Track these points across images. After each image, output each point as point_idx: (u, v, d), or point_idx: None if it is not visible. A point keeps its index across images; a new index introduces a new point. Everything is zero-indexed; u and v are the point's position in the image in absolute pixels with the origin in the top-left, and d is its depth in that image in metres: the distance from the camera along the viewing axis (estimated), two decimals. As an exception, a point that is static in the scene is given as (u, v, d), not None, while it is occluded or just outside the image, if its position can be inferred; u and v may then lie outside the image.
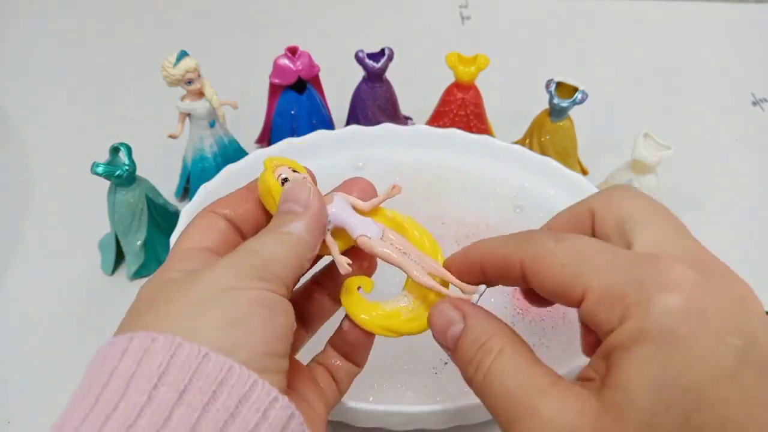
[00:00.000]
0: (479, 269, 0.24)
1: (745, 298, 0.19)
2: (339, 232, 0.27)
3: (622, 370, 0.18)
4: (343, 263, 0.26)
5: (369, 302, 0.27)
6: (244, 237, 0.26)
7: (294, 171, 0.27)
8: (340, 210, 0.27)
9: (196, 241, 0.25)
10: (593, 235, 0.23)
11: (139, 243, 0.43)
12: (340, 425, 0.34)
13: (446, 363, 0.35)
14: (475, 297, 0.25)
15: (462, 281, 0.25)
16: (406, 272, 0.26)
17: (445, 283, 0.26)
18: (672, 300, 0.18)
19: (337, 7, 0.76)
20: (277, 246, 0.23)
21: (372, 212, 0.28)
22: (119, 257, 0.44)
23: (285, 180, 0.27)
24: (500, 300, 0.38)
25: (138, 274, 0.43)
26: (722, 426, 0.17)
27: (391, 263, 0.26)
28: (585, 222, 0.23)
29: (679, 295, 0.18)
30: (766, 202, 0.52)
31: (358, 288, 0.27)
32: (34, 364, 0.39)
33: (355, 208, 0.27)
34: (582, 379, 0.20)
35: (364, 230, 0.27)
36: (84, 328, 0.40)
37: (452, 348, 0.23)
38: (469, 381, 0.23)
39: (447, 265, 0.26)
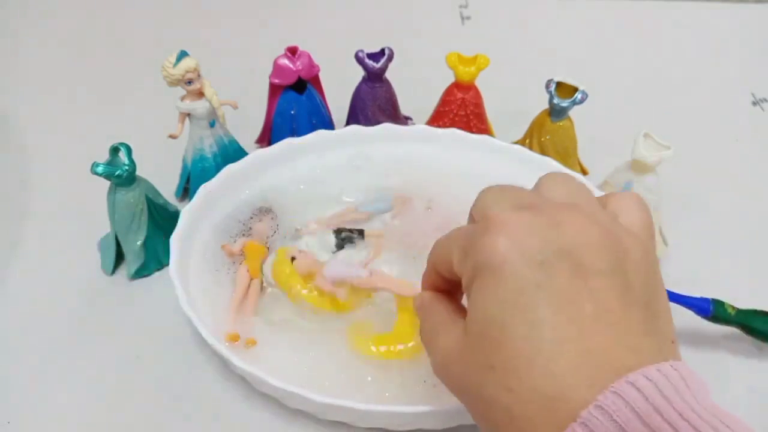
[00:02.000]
0: (435, 276, 0.29)
1: (561, 224, 0.22)
2: (337, 285, 0.37)
3: (469, 301, 0.24)
4: (341, 292, 0.37)
5: (371, 343, 0.36)
6: None
7: (299, 252, 0.40)
8: (335, 269, 0.37)
9: None
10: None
11: (139, 243, 0.43)
12: (340, 425, 0.34)
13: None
14: None
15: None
16: (393, 291, 0.37)
17: None
18: (489, 240, 0.22)
19: (337, 7, 0.76)
20: None
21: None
22: (119, 257, 0.44)
23: (293, 258, 0.39)
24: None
25: (138, 274, 0.43)
26: (530, 325, 0.21)
27: (382, 288, 0.37)
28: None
29: (495, 234, 0.22)
30: (766, 202, 0.52)
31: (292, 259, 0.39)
32: (34, 364, 0.39)
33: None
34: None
35: (357, 274, 0.37)
36: (84, 328, 0.40)
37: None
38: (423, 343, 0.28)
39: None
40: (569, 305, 0.21)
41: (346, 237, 0.42)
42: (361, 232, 0.42)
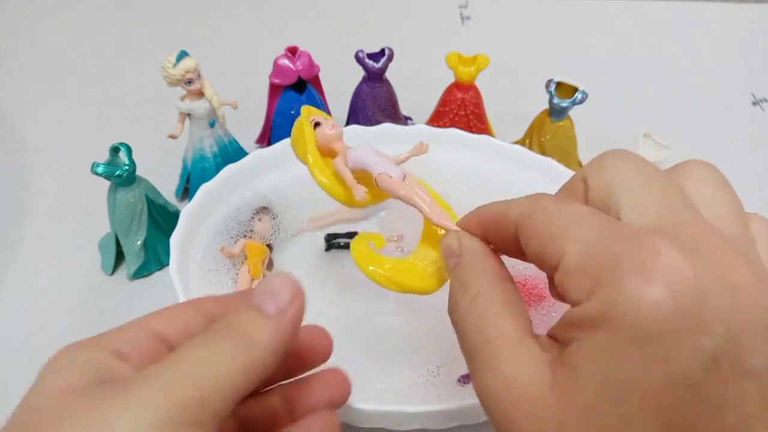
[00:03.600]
0: (480, 230, 0.23)
1: (736, 290, 0.16)
2: (359, 175, 0.28)
3: (578, 350, 0.17)
4: (360, 191, 0.26)
5: (379, 256, 0.27)
6: None
7: (326, 119, 0.30)
8: (364, 153, 0.27)
9: (158, 325, 0.21)
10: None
11: (139, 243, 0.43)
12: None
13: (446, 363, 0.35)
14: None
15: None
16: (422, 212, 0.26)
17: None
18: (645, 289, 0.16)
19: (337, 7, 0.76)
20: (225, 367, 0.18)
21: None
22: (119, 257, 0.44)
23: (318, 123, 0.29)
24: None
25: (138, 274, 0.43)
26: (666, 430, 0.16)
27: (410, 203, 0.27)
28: (579, 192, 0.21)
29: (654, 283, 0.16)
30: (766, 202, 0.52)
31: (370, 243, 0.28)
32: (34, 364, 0.38)
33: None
34: (550, 336, 0.20)
35: (387, 169, 0.26)
36: (84, 328, 0.40)
37: (451, 271, 0.23)
38: (449, 314, 0.22)
39: (466, 218, 0.25)
40: (714, 412, 0.16)
41: (334, 244, 0.42)
42: (354, 236, 0.42)
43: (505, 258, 0.23)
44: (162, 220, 0.44)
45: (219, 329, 0.19)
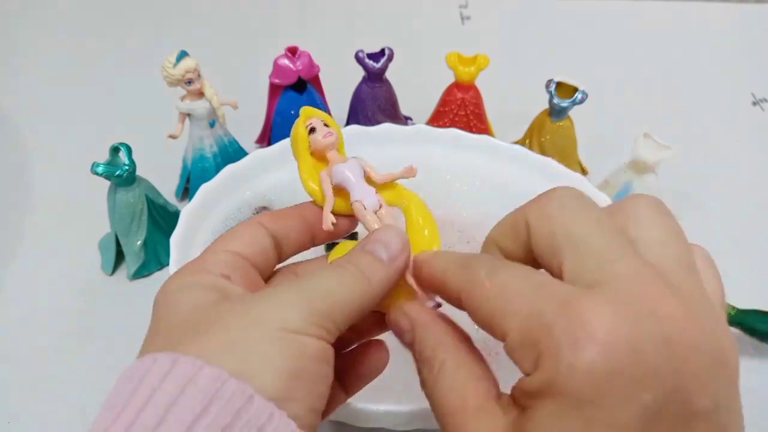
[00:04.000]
0: (431, 285, 0.24)
1: (671, 340, 0.16)
2: (340, 191, 0.28)
3: (530, 418, 0.18)
4: (328, 221, 0.27)
5: None
6: (282, 255, 0.26)
7: (325, 125, 0.28)
8: (350, 171, 0.28)
9: (237, 247, 0.24)
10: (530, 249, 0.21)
11: (139, 243, 0.43)
12: (340, 425, 0.34)
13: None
14: (429, 303, 0.25)
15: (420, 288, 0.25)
16: None
17: None
18: (577, 357, 0.16)
19: (337, 7, 0.76)
20: (349, 291, 0.21)
21: (386, 185, 0.28)
22: (119, 257, 0.44)
23: (312, 129, 0.28)
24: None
25: (138, 274, 0.43)
26: None
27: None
28: (521, 234, 0.22)
29: (585, 350, 0.16)
30: (766, 202, 0.52)
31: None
32: (34, 364, 0.39)
33: (367, 177, 0.28)
34: (513, 396, 0.20)
35: (362, 197, 0.27)
36: (84, 328, 0.40)
37: (410, 346, 0.24)
38: (422, 383, 0.23)
39: (416, 262, 0.25)
40: None
41: (333, 243, 0.42)
42: (355, 237, 0.42)
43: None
44: (162, 220, 0.44)
45: (343, 264, 0.22)
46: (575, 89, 0.46)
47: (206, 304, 0.21)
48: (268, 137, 0.52)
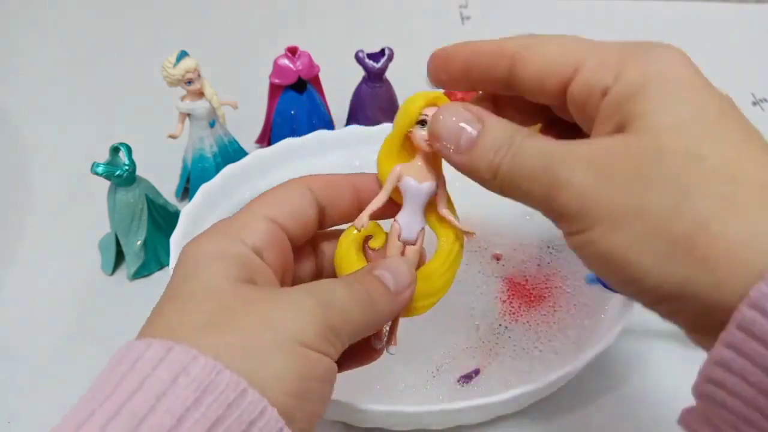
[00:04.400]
0: (463, 69, 0.24)
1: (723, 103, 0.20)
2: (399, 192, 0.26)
3: (637, 106, 0.19)
4: (363, 219, 0.25)
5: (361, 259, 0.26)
6: (324, 224, 0.26)
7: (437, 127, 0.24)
8: (417, 193, 0.26)
9: (279, 215, 0.23)
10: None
11: (139, 243, 0.43)
12: (340, 425, 0.34)
13: (446, 363, 0.35)
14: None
15: (441, 83, 0.26)
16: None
17: None
18: (668, 51, 0.20)
19: (337, 7, 0.76)
20: (360, 312, 0.22)
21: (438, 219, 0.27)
22: (119, 257, 0.44)
23: (424, 122, 0.25)
24: (489, 306, 0.38)
25: (138, 274, 0.43)
26: (697, 156, 0.18)
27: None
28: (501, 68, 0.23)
29: (674, 49, 0.20)
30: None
31: (366, 240, 0.26)
32: (34, 364, 0.39)
33: (431, 201, 0.27)
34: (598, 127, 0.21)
35: (406, 224, 0.26)
36: (84, 328, 0.40)
37: (466, 149, 0.23)
38: (492, 178, 0.22)
39: (432, 68, 0.27)
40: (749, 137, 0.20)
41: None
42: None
43: (507, 258, 0.24)
44: (162, 220, 0.44)
45: (353, 283, 0.22)
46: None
47: (228, 286, 0.20)
48: (268, 137, 0.52)
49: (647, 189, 0.18)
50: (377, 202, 0.26)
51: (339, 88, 0.53)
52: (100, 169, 0.39)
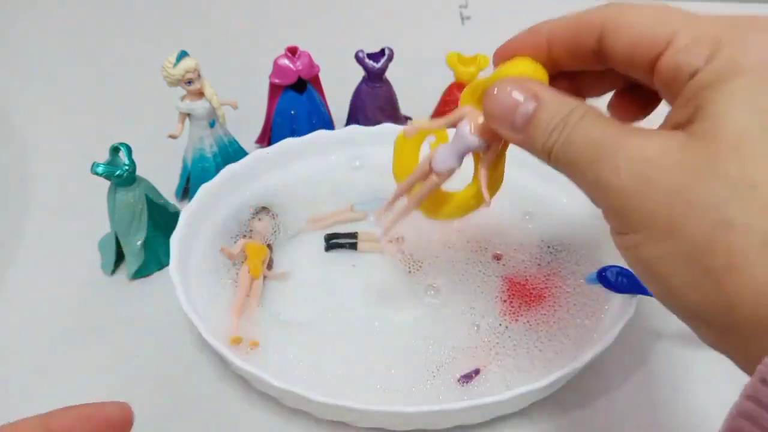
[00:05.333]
0: (545, 45, 0.24)
1: None
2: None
3: (712, 101, 0.18)
4: (413, 127, 0.28)
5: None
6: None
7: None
8: (465, 142, 0.27)
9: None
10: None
11: (139, 243, 0.43)
12: (340, 425, 0.34)
13: (446, 363, 0.35)
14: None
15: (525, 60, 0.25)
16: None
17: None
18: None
19: (337, 7, 0.76)
20: None
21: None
22: (119, 257, 0.44)
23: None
24: (489, 305, 0.38)
25: (138, 274, 0.43)
26: None
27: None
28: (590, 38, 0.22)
29: None
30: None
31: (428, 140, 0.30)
32: (34, 364, 0.39)
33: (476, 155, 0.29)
34: (669, 118, 0.20)
35: (440, 159, 0.28)
36: (84, 328, 0.40)
37: (521, 127, 0.22)
38: (548, 151, 0.22)
39: (505, 48, 0.27)
40: None
41: (334, 244, 0.42)
42: (354, 237, 0.42)
43: (507, 258, 0.24)
44: (162, 220, 0.44)
45: None
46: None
47: None
48: (268, 137, 0.52)
49: (689, 212, 0.17)
50: (434, 124, 0.28)
51: (339, 88, 0.53)
52: (100, 169, 0.39)
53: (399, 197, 0.32)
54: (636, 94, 0.26)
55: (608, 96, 0.29)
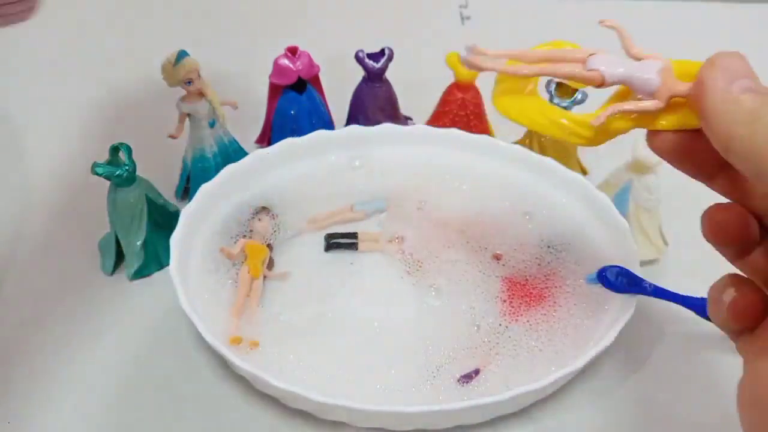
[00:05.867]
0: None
1: None
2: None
3: None
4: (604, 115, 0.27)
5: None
6: None
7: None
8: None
9: None
10: None
11: (139, 243, 0.43)
12: (340, 425, 0.34)
13: (446, 363, 0.35)
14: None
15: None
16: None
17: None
18: None
19: (337, 7, 0.76)
20: None
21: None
22: (119, 257, 0.44)
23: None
24: (489, 305, 0.38)
25: (138, 275, 0.43)
26: None
27: None
28: None
29: None
30: (766, 202, 0.52)
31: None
32: (34, 364, 0.39)
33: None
34: None
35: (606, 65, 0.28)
36: (84, 328, 0.40)
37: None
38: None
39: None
40: None
41: (334, 244, 0.42)
42: (354, 237, 0.42)
43: (507, 258, 0.23)
44: (162, 220, 0.44)
45: None
46: (575, 89, 0.46)
47: None
48: (268, 137, 0.52)
49: None
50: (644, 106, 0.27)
51: (339, 88, 0.53)
52: (100, 169, 0.39)
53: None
54: None
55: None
